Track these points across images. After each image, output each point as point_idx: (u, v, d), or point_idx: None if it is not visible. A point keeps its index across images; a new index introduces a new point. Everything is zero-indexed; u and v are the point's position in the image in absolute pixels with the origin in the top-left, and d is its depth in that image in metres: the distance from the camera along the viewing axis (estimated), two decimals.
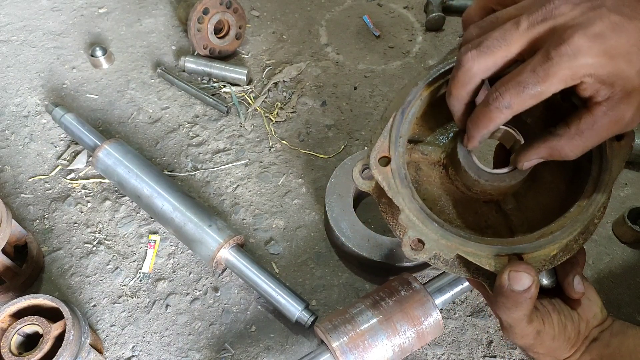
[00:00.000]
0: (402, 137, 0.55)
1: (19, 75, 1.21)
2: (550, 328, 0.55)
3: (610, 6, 0.42)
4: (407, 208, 0.52)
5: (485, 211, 0.58)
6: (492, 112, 0.45)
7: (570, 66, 0.42)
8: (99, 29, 1.31)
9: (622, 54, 0.42)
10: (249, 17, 1.35)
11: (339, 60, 1.27)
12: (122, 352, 0.84)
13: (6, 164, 1.06)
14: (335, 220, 0.90)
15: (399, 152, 0.54)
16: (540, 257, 0.49)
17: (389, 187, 0.53)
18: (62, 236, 0.96)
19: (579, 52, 0.41)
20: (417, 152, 0.59)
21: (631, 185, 1.06)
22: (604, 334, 0.60)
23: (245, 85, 1.20)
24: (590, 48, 0.41)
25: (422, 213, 0.52)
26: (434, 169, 0.60)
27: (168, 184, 0.93)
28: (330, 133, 1.12)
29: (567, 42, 0.41)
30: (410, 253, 0.51)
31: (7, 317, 0.71)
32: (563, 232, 0.50)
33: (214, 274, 0.92)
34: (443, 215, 0.58)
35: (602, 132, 0.45)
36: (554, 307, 0.57)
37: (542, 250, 0.49)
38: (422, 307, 0.74)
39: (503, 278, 0.48)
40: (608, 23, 0.41)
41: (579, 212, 0.51)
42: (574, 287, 0.56)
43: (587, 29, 0.41)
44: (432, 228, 0.52)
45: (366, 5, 1.41)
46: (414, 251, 0.51)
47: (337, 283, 0.91)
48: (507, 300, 0.49)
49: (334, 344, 0.71)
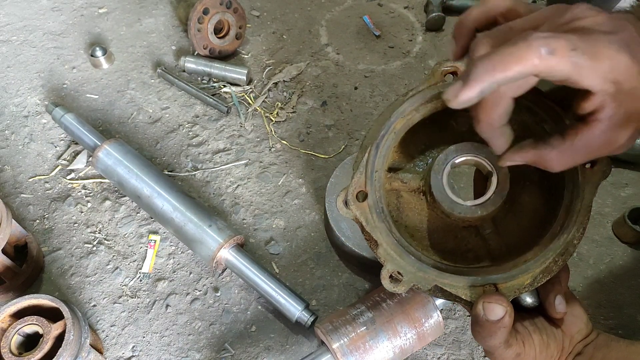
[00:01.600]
0: (377, 172, 0.56)
1: (19, 75, 1.21)
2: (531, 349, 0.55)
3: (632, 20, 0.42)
4: (384, 242, 0.54)
5: (464, 236, 0.59)
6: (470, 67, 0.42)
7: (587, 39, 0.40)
8: (99, 29, 1.31)
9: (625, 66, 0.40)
10: (249, 17, 1.35)
11: (339, 60, 1.27)
12: (122, 352, 0.83)
13: (6, 164, 1.06)
14: (335, 220, 0.90)
15: (375, 186, 0.56)
16: (514, 287, 0.51)
17: (367, 222, 0.55)
18: (62, 236, 0.96)
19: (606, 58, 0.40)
20: (397, 181, 0.60)
21: (631, 185, 1.05)
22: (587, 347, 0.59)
23: (245, 85, 1.19)
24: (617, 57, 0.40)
25: (399, 247, 0.54)
26: (414, 196, 0.60)
27: (168, 184, 0.93)
28: (330, 133, 1.12)
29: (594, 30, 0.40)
30: (389, 286, 0.53)
31: (7, 317, 0.71)
32: (535, 261, 0.51)
33: (214, 274, 0.92)
34: (424, 241, 0.59)
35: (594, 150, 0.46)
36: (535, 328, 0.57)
37: (516, 280, 0.51)
38: (423, 309, 0.74)
39: (478, 308, 0.50)
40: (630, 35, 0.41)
41: (551, 240, 0.52)
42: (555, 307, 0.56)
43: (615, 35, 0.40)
44: (409, 261, 0.53)
45: (366, 5, 1.41)
46: (392, 283, 0.53)
47: (337, 283, 0.91)
48: (482, 329, 0.51)
49: (334, 345, 0.71)
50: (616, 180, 1.06)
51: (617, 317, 0.88)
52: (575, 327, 0.58)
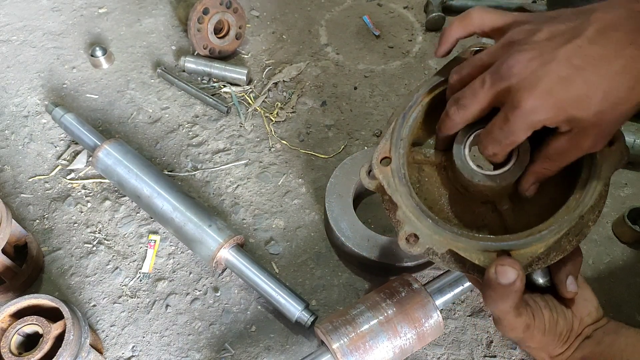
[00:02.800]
0: (402, 140, 0.60)
1: (19, 75, 1.21)
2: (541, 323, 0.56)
3: (561, 58, 0.47)
4: (404, 205, 0.56)
5: (482, 211, 0.61)
6: (488, 157, 0.55)
7: (527, 122, 0.49)
8: (99, 29, 1.31)
9: (571, 104, 0.47)
10: (249, 17, 1.35)
11: (338, 60, 1.27)
12: (122, 352, 0.84)
13: (6, 164, 1.06)
14: (335, 220, 0.90)
15: (399, 153, 0.59)
16: (527, 254, 0.52)
17: (388, 185, 0.58)
18: (62, 236, 0.96)
19: (531, 112, 0.48)
20: (420, 155, 0.63)
21: (631, 185, 1.06)
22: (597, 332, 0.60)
23: (245, 85, 1.20)
24: (542, 105, 0.47)
25: (418, 210, 0.56)
26: (435, 171, 0.63)
27: (168, 184, 0.93)
28: (330, 133, 1.12)
29: (520, 105, 0.48)
30: (405, 246, 0.55)
31: (7, 317, 0.71)
32: (550, 231, 0.52)
33: (214, 274, 0.92)
34: (442, 214, 0.61)
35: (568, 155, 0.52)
36: (546, 304, 0.59)
37: (529, 248, 0.52)
38: (423, 309, 0.74)
39: (490, 272, 0.51)
40: (556, 78, 0.47)
41: (567, 212, 0.53)
42: (566, 286, 0.58)
43: (536, 88, 0.47)
44: (426, 224, 0.55)
45: (366, 5, 1.41)
46: (408, 245, 0.55)
47: (337, 283, 0.91)
48: (494, 292, 0.52)
49: (334, 345, 0.71)
50: (615, 180, 1.06)
51: (617, 317, 0.87)
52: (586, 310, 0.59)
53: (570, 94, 0.47)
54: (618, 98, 0.47)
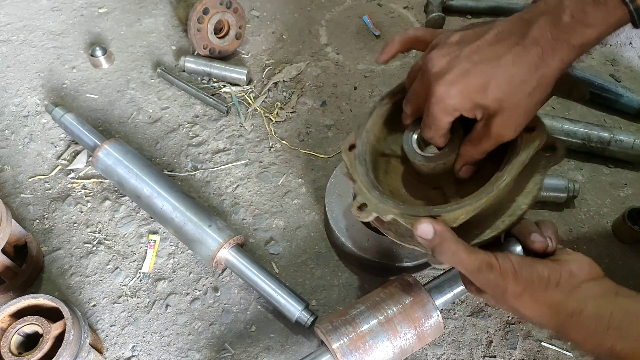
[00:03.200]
0: (367, 132, 0.72)
1: (19, 75, 1.21)
2: (507, 262, 0.59)
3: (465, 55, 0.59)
4: (359, 180, 0.68)
5: (432, 196, 0.72)
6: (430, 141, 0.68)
7: (441, 107, 0.61)
8: (99, 29, 1.31)
9: (472, 92, 0.59)
10: (249, 17, 1.35)
11: (338, 60, 1.27)
12: (122, 352, 0.84)
13: (6, 163, 1.06)
14: (335, 220, 0.90)
15: (362, 141, 0.71)
16: (450, 218, 0.61)
17: (350, 165, 0.70)
18: (62, 236, 0.96)
19: (441, 98, 0.60)
20: (387, 149, 0.75)
21: (631, 185, 1.06)
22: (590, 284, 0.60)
23: (245, 85, 1.20)
24: (448, 92, 0.60)
25: (370, 185, 0.68)
26: (399, 163, 0.75)
27: (168, 183, 0.93)
28: (330, 133, 1.12)
29: (434, 93, 0.61)
30: (356, 213, 0.67)
31: (7, 317, 0.71)
32: (469, 202, 0.62)
33: (214, 274, 0.92)
34: (401, 197, 0.72)
35: (486, 140, 0.62)
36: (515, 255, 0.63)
37: (452, 214, 0.61)
38: (423, 309, 0.74)
39: (415, 231, 0.62)
40: (459, 71, 0.59)
41: (487, 188, 0.62)
42: (530, 240, 0.63)
43: (443, 78, 0.60)
44: (374, 195, 0.67)
45: (366, 5, 1.41)
46: (359, 212, 0.67)
47: (337, 283, 0.91)
48: (429, 247, 0.62)
49: (334, 345, 0.71)
50: (615, 180, 1.07)
51: None
52: (575, 265, 0.60)
53: (470, 83, 0.59)
54: (512, 87, 0.57)
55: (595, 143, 1.06)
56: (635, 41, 1.34)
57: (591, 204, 1.03)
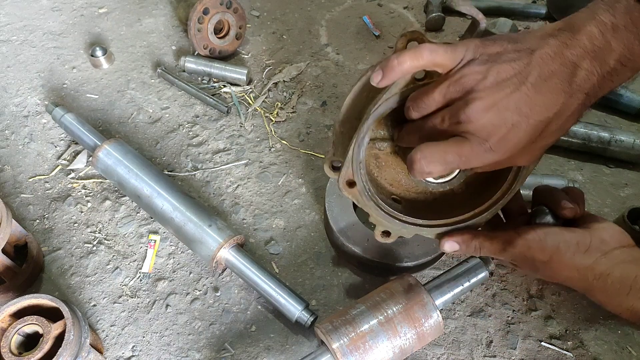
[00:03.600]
0: (361, 162, 0.70)
1: (19, 75, 1.21)
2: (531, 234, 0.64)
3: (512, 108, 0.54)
4: (374, 214, 0.72)
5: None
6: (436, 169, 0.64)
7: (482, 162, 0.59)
8: (99, 29, 1.31)
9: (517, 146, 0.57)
10: (249, 17, 1.35)
11: (338, 60, 1.27)
12: (122, 352, 0.84)
13: (6, 163, 1.06)
14: (335, 220, 0.90)
15: (360, 174, 0.70)
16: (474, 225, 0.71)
17: (358, 202, 0.72)
18: (62, 236, 0.96)
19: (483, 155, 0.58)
20: (374, 149, 0.74)
21: (631, 185, 1.06)
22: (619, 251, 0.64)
23: (245, 85, 1.20)
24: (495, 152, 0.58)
25: (387, 215, 0.72)
26: (390, 157, 0.75)
27: (168, 183, 0.93)
28: (330, 133, 1.12)
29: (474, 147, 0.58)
30: (381, 239, 0.74)
31: (7, 317, 0.71)
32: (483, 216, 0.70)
33: (214, 274, 0.92)
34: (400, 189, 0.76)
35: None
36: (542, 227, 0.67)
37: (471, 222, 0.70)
38: (423, 309, 0.74)
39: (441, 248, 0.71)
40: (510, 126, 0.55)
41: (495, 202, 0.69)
42: (561, 206, 0.67)
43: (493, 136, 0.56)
44: (394, 223, 0.72)
45: (366, 5, 1.41)
46: (384, 237, 0.74)
47: (337, 283, 0.91)
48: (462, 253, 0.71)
49: (334, 345, 0.71)
50: (615, 180, 1.07)
51: (616, 317, 0.88)
52: (606, 233, 0.64)
53: (519, 139, 0.55)
54: (550, 133, 0.57)
55: (596, 143, 1.06)
56: None
57: (592, 204, 1.03)
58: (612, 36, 0.51)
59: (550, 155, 1.09)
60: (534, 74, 0.53)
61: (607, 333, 0.86)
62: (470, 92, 0.55)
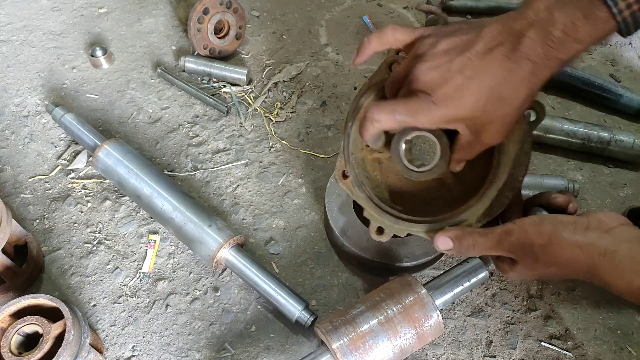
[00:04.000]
0: (353, 154, 0.74)
1: (19, 75, 1.21)
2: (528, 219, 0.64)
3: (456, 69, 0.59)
4: (366, 207, 0.74)
5: (433, 186, 0.76)
6: None
7: (431, 121, 0.62)
8: (99, 29, 1.31)
9: (467, 108, 0.59)
10: (249, 17, 1.35)
11: (338, 60, 1.27)
12: (122, 352, 0.84)
13: (6, 163, 1.06)
14: (335, 220, 0.90)
15: (352, 165, 0.74)
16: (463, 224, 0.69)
17: (352, 193, 0.75)
18: (62, 236, 0.96)
19: (432, 112, 0.61)
20: (375, 153, 0.77)
21: (631, 185, 1.06)
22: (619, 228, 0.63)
23: (245, 85, 1.20)
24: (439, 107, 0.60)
25: (378, 209, 0.73)
26: (391, 162, 0.76)
27: (168, 183, 0.93)
28: (330, 133, 1.12)
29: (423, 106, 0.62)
30: (376, 237, 0.73)
31: (7, 317, 0.71)
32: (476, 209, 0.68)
33: (214, 274, 0.92)
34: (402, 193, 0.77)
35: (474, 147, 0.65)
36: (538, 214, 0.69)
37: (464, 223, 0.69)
38: (423, 309, 0.74)
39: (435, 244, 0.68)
40: (451, 86, 0.59)
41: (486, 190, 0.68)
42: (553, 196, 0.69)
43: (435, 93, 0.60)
44: (387, 218, 0.72)
45: (366, 5, 1.41)
46: (377, 235, 0.73)
47: (337, 283, 0.91)
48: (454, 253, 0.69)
49: (334, 345, 0.71)
50: (615, 180, 1.07)
51: (616, 317, 0.88)
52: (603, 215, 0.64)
53: (464, 99, 0.59)
54: (503, 102, 0.59)
55: (595, 143, 1.06)
56: (635, 41, 1.34)
57: (591, 203, 1.03)
58: (557, 9, 0.55)
59: (549, 155, 1.09)
60: (480, 44, 0.58)
61: (607, 333, 0.86)
62: (420, 56, 0.62)
